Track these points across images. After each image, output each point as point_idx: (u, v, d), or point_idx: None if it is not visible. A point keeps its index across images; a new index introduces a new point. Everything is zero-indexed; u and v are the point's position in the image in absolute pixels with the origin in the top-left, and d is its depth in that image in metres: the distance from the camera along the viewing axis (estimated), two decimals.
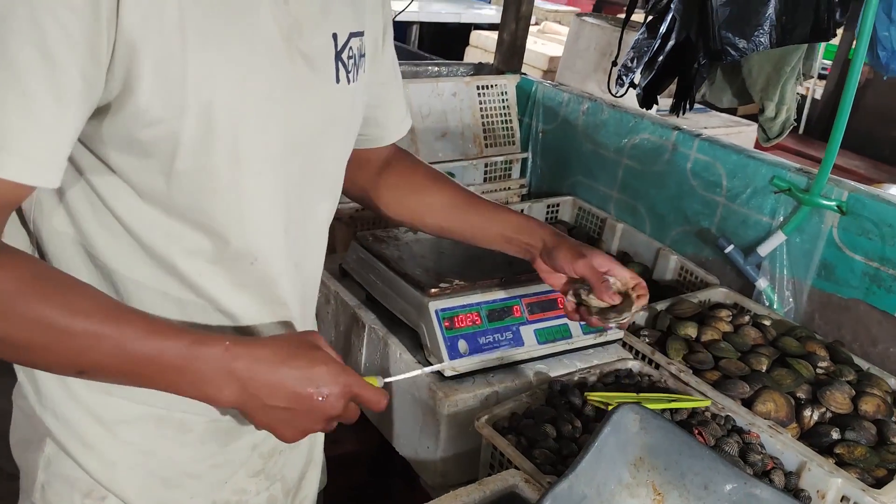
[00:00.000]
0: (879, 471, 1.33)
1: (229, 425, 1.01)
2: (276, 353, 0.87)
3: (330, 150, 1.01)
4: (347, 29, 0.95)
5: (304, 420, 0.89)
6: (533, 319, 1.48)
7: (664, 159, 2.05)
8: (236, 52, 0.82)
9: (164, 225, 0.87)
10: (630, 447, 1.01)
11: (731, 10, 1.65)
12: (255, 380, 0.84)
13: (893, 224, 1.63)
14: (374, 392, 0.93)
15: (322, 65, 0.92)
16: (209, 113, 0.81)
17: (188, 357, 0.82)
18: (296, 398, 0.86)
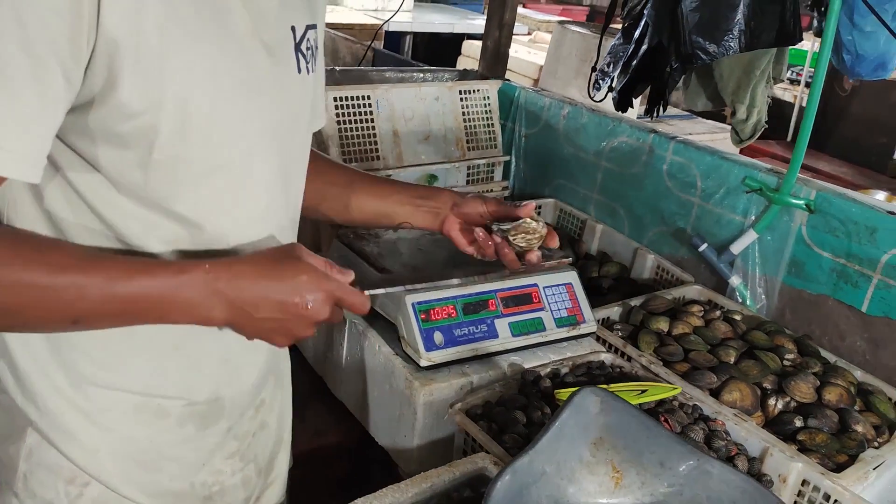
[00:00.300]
0: (841, 456, 1.38)
1: (205, 409, 1.05)
2: (258, 267, 0.91)
3: (296, 139, 1.06)
4: (304, 22, 1.00)
5: (293, 327, 0.94)
6: (507, 313, 1.53)
7: (641, 161, 2.10)
8: (208, 47, 0.86)
9: (140, 216, 0.91)
10: (591, 427, 1.06)
11: (700, 16, 1.71)
12: (240, 296, 0.89)
13: (859, 221, 1.68)
14: (358, 295, 0.99)
15: (284, 56, 0.97)
16: (185, 105, 0.86)
17: (172, 287, 0.87)
18: (282, 308, 0.91)
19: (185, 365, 1.01)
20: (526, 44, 5.29)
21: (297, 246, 0.97)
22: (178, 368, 1.01)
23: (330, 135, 1.96)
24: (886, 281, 1.65)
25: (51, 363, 0.96)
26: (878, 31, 1.61)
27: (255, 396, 1.16)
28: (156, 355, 0.99)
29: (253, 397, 1.15)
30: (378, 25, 4.27)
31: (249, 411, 1.15)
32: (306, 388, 1.76)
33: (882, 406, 1.50)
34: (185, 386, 1.02)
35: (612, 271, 2.06)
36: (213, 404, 1.06)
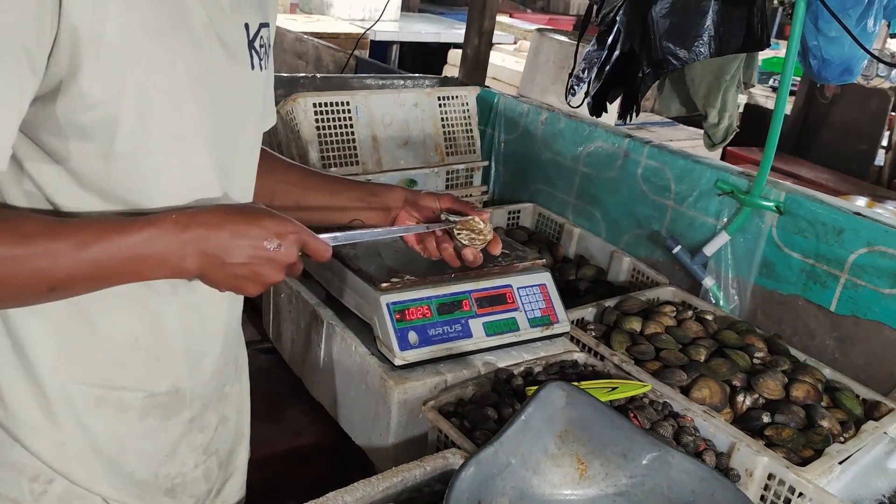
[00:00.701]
0: (807, 451, 1.41)
1: (166, 400, 1.06)
2: (224, 214, 0.94)
3: (249, 134, 1.08)
4: (257, 20, 1.03)
5: (264, 271, 0.95)
6: (482, 313, 1.55)
7: (617, 166, 2.14)
8: (167, 40, 0.89)
9: (101, 210, 0.92)
10: (556, 420, 1.08)
11: (670, 22, 1.75)
12: (209, 241, 0.91)
13: (826, 222, 1.72)
14: (320, 241, 1.02)
15: (238, 52, 1.00)
16: (145, 96, 0.88)
17: (143, 243, 0.88)
18: (252, 250, 0.93)
19: (144, 357, 1.02)
20: (511, 53, 5.34)
21: (256, 203, 1.01)
22: (138, 360, 1.02)
23: (310, 140, 1.99)
24: (854, 280, 1.68)
25: (10, 357, 0.96)
26: (842, 37, 1.65)
27: (218, 389, 1.18)
28: (115, 348, 1.00)
29: (215, 389, 1.17)
30: (361, 34, 4.31)
31: (213, 403, 1.17)
32: (285, 389, 1.78)
33: (848, 402, 1.53)
34: (145, 378, 1.03)
35: (589, 274, 2.09)
36: (174, 395, 1.07)
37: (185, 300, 1.04)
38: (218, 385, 1.18)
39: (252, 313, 2.04)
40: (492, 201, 2.44)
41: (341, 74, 3.01)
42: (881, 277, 1.64)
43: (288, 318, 1.77)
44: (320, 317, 1.63)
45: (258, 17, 1.04)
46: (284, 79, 2.50)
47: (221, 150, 1.01)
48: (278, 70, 3.67)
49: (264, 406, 1.77)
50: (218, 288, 0.97)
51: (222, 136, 1.00)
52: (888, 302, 1.64)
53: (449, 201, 1.27)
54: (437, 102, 2.21)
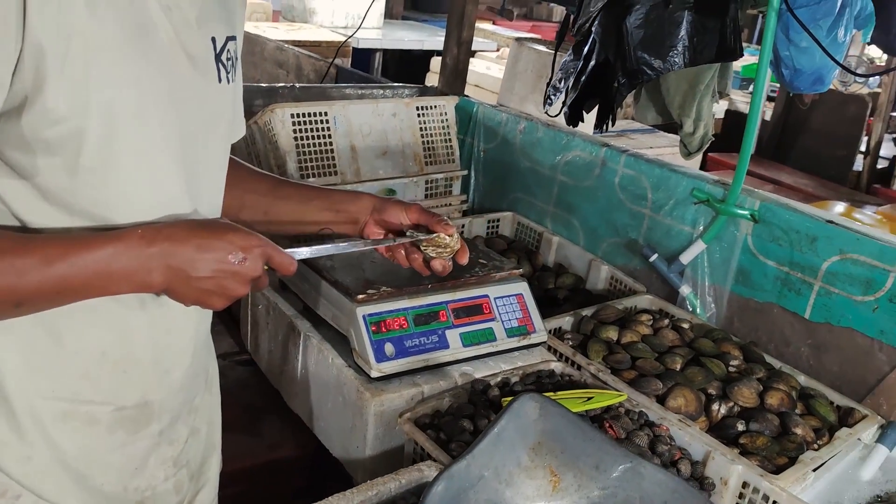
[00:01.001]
0: (781, 459, 1.42)
1: (135, 413, 1.06)
2: (189, 228, 0.94)
3: (216, 147, 1.08)
4: (224, 33, 1.04)
5: (230, 285, 0.96)
6: (458, 323, 1.55)
7: (594, 174, 2.15)
8: (133, 54, 0.89)
9: (66, 225, 0.92)
10: (529, 432, 1.08)
11: (644, 32, 1.76)
12: (175, 255, 0.92)
13: (800, 230, 1.74)
14: (285, 255, 1.02)
15: (205, 66, 1.00)
16: (111, 111, 0.88)
17: (109, 259, 0.89)
18: (217, 264, 0.93)
19: (112, 370, 1.02)
20: (494, 60, 5.35)
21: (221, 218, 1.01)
22: (105, 374, 1.01)
23: (287, 150, 1.99)
24: (827, 288, 1.70)
25: None
26: (813, 47, 1.67)
27: (188, 401, 1.17)
28: (83, 362, 0.99)
29: (185, 401, 1.16)
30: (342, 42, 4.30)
31: (183, 416, 1.17)
32: (262, 401, 1.78)
33: (822, 409, 1.55)
34: (113, 391, 1.03)
35: (567, 282, 2.10)
36: (143, 408, 1.07)
37: (154, 313, 1.03)
38: (187, 397, 1.17)
39: (230, 324, 2.04)
40: (471, 210, 2.45)
41: (321, 84, 3.01)
42: (853, 285, 1.66)
43: (265, 330, 1.76)
44: (297, 328, 1.63)
45: (225, 31, 1.05)
46: (263, 89, 2.50)
47: (189, 163, 1.01)
48: (259, 79, 3.67)
49: (242, 418, 1.76)
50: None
51: (190, 149, 1.00)
52: (860, 309, 1.66)
53: (416, 214, 1.26)
54: (416, 112, 2.22)
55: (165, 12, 0.93)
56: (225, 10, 1.05)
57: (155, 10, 0.92)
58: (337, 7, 5.91)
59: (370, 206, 1.28)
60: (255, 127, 2.02)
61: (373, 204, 1.28)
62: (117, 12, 0.87)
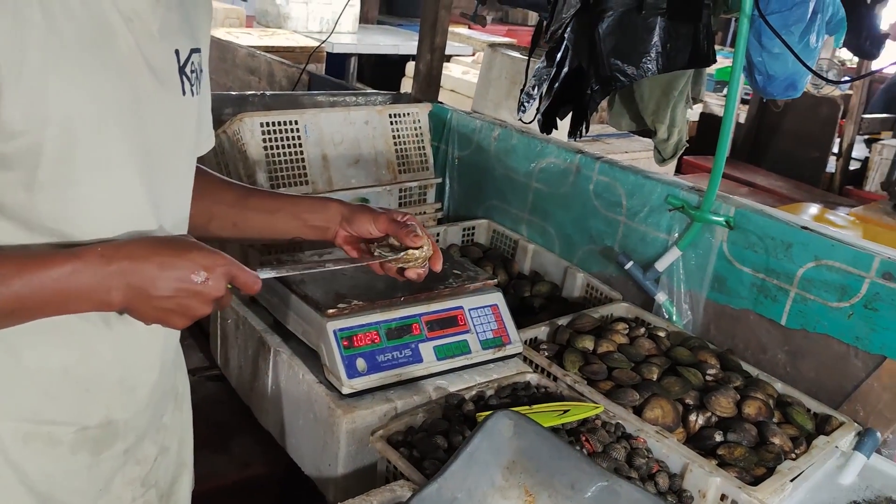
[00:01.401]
0: (759, 469, 1.40)
1: (98, 433, 1.03)
2: (151, 246, 0.92)
3: (181, 160, 1.06)
4: (188, 45, 1.01)
5: (191, 304, 0.93)
6: (432, 336, 1.53)
7: (569, 182, 2.13)
8: (92, 67, 0.87)
9: (24, 240, 0.89)
10: (503, 451, 1.06)
11: (617, 39, 1.74)
12: (135, 273, 0.89)
13: (775, 237, 1.73)
14: (250, 273, 0.99)
15: (169, 78, 0.98)
16: (70, 125, 0.86)
17: (66, 277, 0.86)
18: (179, 283, 0.91)
19: (75, 389, 0.99)
20: (469, 65, 5.33)
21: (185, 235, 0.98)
22: (68, 393, 0.99)
23: (257, 160, 1.95)
24: (803, 294, 1.69)
25: None
26: (785, 53, 1.67)
27: (156, 419, 1.14)
28: (44, 380, 0.96)
29: (152, 420, 1.13)
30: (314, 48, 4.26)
31: (150, 434, 1.13)
32: (233, 418, 1.74)
33: (799, 417, 1.54)
34: (75, 411, 1.00)
35: (543, 290, 2.08)
36: (107, 428, 1.04)
37: (119, 329, 1.00)
38: (155, 415, 1.14)
39: (200, 339, 2.00)
40: (446, 218, 2.42)
41: (292, 91, 2.97)
42: (829, 291, 1.65)
43: (235, 345, 1.72)
44: (267, 343, 1.59)
45: (189, 43, 1.03)
46: (233, 97, 2.45)
47: (153, 177, 0.98)
48: (230, 86, 3.62)
49: (211, 435, 1.72)
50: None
51: (154, 163, 0.98)
52: (836, 315, 1.65)
53: (385, 224, 1.22)
54: (389, 120, 2.19)
55: (127, 24, 0.91)
56: (188, 23, 1.03)
57: (116, 21, 0.89)
58: (311, 12, 5.86)
59: (339, 216, 1.25)
60: (223, 136, 1.98)
61: (341, 213, 1.25)
62: (76, 24, 0.85)
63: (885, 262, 1.57)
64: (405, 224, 1.22)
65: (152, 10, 0.94)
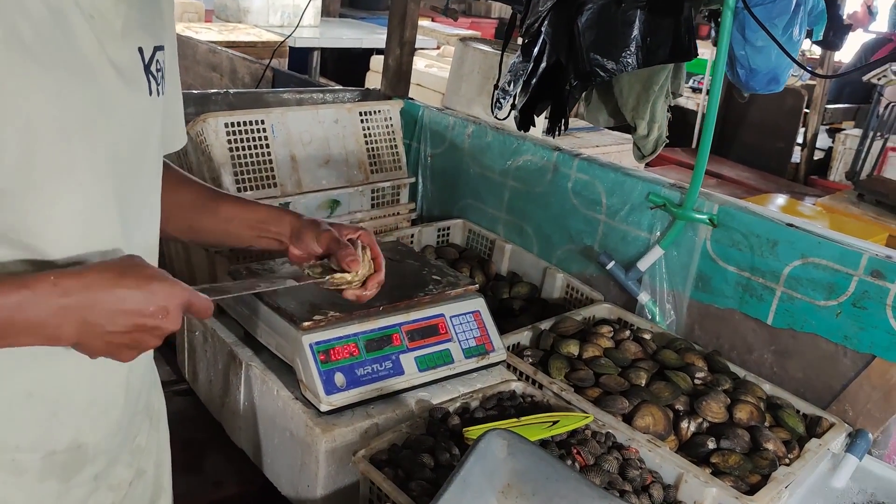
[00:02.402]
0: (753, 477, 1.36)
1: (66, 458, 0.95)
2: (107, 276, 0.85)
3: (149, 162, 1.00)
4: (151, 43, 0.96)
5: (144, 338, 0.88)
6: (413, 347, 1.46)
7: (547, 180, 2.08)
8: (53, 68, 0.81)
9: None
10: (497, 474, 1.00)
11: (597, 33, 1.69)
12: (93, 308, 0.83)
13: (761, 234, 1.69)
14: (204, 299, 0.94)
15: (134, 77, 0.93)
16: (29, 126, 0.80)
17: (15, 307, 0.79)
18: (138, 317, 0.85)
19: (41, 413, 0.92)
20: (434, 58, 5.26)
21: (135, 256, 0.91)
22: (32, 417, 0.91)
23: (222, 162, 1.85)
24: (789, 293, 1.66)
25: None
26: (769, 46, 1.63)
27: (128, 441, 1.07)
28: (7, 405, 0.89)
29: (123, 442, 1.06)
30: (278, 43, 4.15)
31: (124, 457, 1.06)
32: (203, 434, 1.65)
33: (791, 420, 1.50)
34: (41, 436, 0.93)
35: (522, 292, 2.03)
36: (76, 452, 0.97)
37: None
38: (127, 437, 1.07)
39: (166, 351, 1.90)
40: (420, 218, 2.35)
41: (256, 89, 2.87)
42: (816, 289, 1.62)
43: (204, 358, 1.64)
44: (238, 357, 1.51)
45: (152, 41, 0.97)
46: (195, 95, 2.35)
47: (120, 181, 0.92)
48: (191, 84, 3.50)
49: (182, 454, 1.61)
50: (90, 355, 0.87)
51: (120, 166, 0.92)
52: (823, 314, 1.62)
53: (326, 242, 1.19)
54: (359, 118, 2.11)
55: (88, 21, 0.85)
56: (150, 20, 0.97)
57: (76, 19, 0.83)
58: (272, 5, 5.73)
59: (289, 229, 1.21)
60: (186, 137, 1.88)
61: (292, 226, 1.21)
62: (34, 23, 0.79)
63: (873, 260, 1.54)
64: (345, 245, 1.18)
65: (115, 7, 0.88)
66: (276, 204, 1.92)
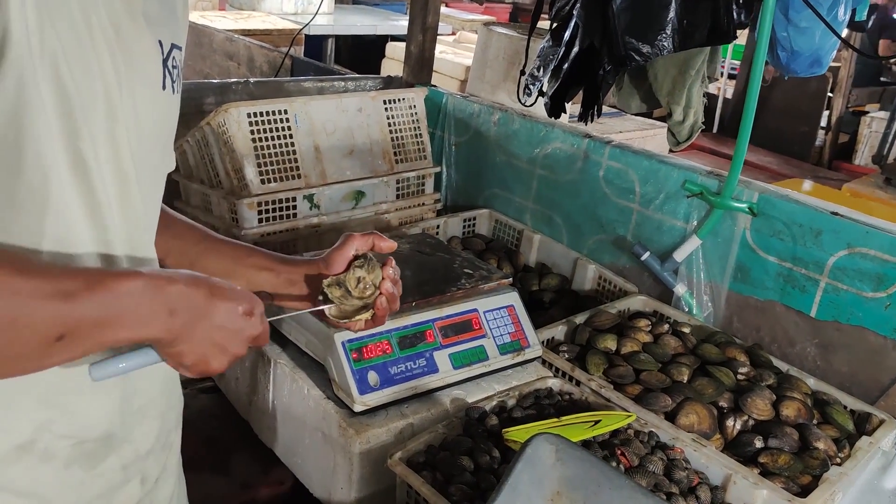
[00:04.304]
0: (804, 478, 1.31)
1: (94, 447, 0.91)
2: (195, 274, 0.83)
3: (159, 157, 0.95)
4: (169, 39, 0.91)
5: (234, 342, 0.85)
6: (447, 343, 1.41)
7: (577, 168, 2.02)
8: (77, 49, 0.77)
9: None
10: (546, 481, 0.95)
11: (632, 16, 1.62)
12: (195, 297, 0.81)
13: (803, 224, 1.63)
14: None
15: (151, 69, 0.88)
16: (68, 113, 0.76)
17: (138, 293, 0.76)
18: (230, 315, 0.83)
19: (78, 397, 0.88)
20: (451, 44, 5.19)
21: None
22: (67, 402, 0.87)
23: (245, 154, 1.81)
24: (834, 284, 1.59)
25: None
26: (813, 27, 1.56)
27: (164, 436, 1.03)
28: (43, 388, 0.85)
29: (159, 434, 1.01)
30: (296, 31, 4.09)
31: (156, 452, 1.02)
32: (230, 433, 1.62)
33: (840, 417, 1.44)
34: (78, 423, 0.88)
35: (552, 283, 1.97)
36: (105, 441, 0.92)
37: None
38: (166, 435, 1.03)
39: None
40: (444, 209, 2.29)
41: (276, 78, 2.82)
42: (863, 280, 1.55)
43: None
44: (266, 354, 1.47)
45: (170, 38, 0.92)
46: (214, 85, 2.30)
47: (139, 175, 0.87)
48: (208, 73, 3.45)
49: (207, 454, 1.60)
50: (181, 359, 0.83)
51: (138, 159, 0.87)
52: (871, 306, 1.55)
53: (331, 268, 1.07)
54: (383, 106, 2.05)
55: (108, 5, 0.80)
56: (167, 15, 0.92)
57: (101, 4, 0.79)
58: None
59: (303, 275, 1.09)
60: (207, 129, 1.83)
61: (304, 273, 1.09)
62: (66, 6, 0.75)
63: None
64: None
65: None
66: (300, 196, 1.88)
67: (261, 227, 1.82)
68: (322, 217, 1.92)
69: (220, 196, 1.85)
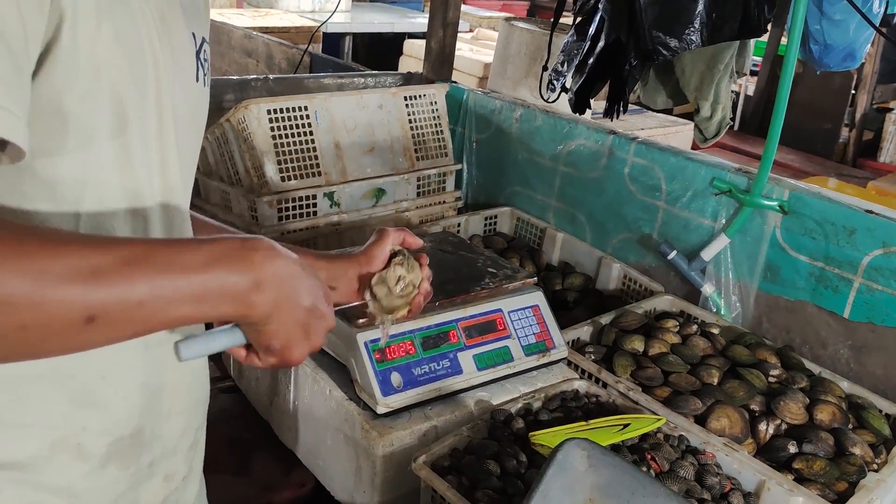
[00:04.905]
0: (840, 484, 1.27)
1: (129, 444, 0.88)
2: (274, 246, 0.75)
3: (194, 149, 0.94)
4: (201, 32, 0.91)
5: (318, 328, 0.79)
6: (471, 344, 1.38)
7: (601, 165, 1.98)
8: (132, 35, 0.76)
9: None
10: (578, 488, 0.92)
11: (660, 9, 1.59)
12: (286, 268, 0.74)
13: (836, 222, 1.58)
14: None
15: (187, 61, 0.86)
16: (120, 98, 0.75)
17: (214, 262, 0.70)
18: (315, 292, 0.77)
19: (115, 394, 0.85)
20: (469, 41, 5.15)
21: None
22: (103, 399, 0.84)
23: (265, 151, 1.79)
24: (869, 284, 1.55)
25: None
26: (847, 20, 1.52)
27: (191, 432, 1.00)
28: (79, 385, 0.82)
29: (186, 430, 0.98)
30: (315, 28, 4.08)
31: (182, 448, 0.99)
32: (250, 434, 1.60)
33: (876, 422, 1.40)
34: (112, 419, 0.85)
35: (576, 283, 1.94)
36: (137, 437, 0.89)
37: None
38: (194, 433, 1.00)
39: None
40: (465, 206, 2.26)
41: (296, 74, 2.80)
42: None
43: None
44: None
45: (201, 31, 0.91)
46: (234, 82, 2.28)
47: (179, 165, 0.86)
48: (227, 70, 3.44)
49: (228, 455, 1.58)
50: (271, 340, 0.76)
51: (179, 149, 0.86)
52: None
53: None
54: (404, 103, 2.03)
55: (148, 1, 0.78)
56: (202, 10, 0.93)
57: None
58: None
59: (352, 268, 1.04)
60: (227, 125, 1.81)
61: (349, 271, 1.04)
62: None
63: None
64: None
65: None
66: (320, 194, 1.86)
67: (281, 224, 1.80)
68: (342, 215, 1.90)
69: (240, 194, 1.83)
